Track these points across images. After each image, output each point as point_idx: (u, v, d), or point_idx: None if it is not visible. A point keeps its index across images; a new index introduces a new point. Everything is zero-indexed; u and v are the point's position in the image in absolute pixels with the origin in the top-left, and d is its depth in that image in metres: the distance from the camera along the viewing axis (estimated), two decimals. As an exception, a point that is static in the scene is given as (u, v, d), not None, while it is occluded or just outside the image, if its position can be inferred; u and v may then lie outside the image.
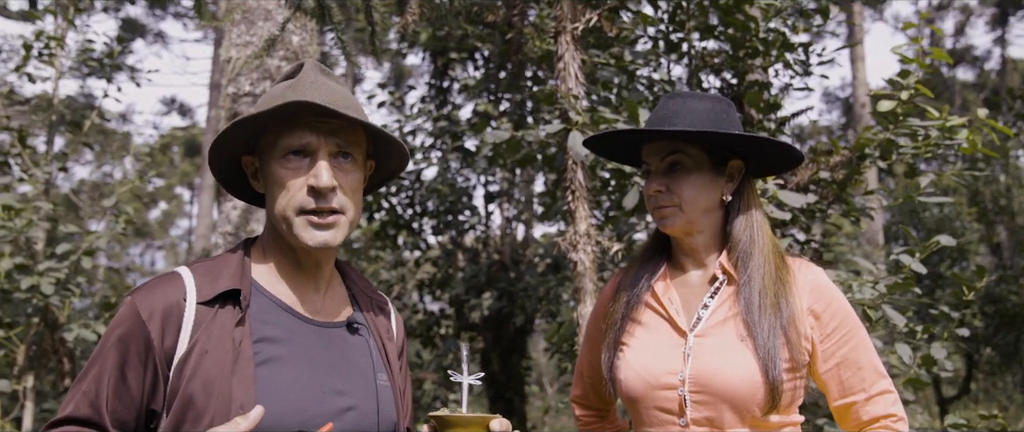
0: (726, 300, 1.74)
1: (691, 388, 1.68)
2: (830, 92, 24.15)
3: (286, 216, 1.50)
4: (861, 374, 1.71)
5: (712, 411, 1.67)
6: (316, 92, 1.50)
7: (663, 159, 1.77)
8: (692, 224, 1.77)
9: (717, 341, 1.70)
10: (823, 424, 3.03)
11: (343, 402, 1.52)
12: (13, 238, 3.70)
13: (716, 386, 1.66)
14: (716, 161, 1.77)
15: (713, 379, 1.66)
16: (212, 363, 1.40)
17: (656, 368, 1.73)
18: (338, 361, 1.56)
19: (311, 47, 4.35)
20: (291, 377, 1.47)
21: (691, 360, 1.70)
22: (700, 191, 1.75)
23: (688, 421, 1.69)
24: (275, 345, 1.48)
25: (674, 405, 1.71)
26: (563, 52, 3.05)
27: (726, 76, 3.99)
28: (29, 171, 3.89)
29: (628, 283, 1.88)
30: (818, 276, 1.76)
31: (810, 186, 3.25)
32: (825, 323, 1.71)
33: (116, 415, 1.40)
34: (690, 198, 1.75)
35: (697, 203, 1.75)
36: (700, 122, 1.74)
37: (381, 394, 1.60)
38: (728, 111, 1.79)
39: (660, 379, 1.72)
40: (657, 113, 1.80)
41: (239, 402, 1.38)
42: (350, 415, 1.52)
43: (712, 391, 1.66)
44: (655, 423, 1.74)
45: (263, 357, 1.45)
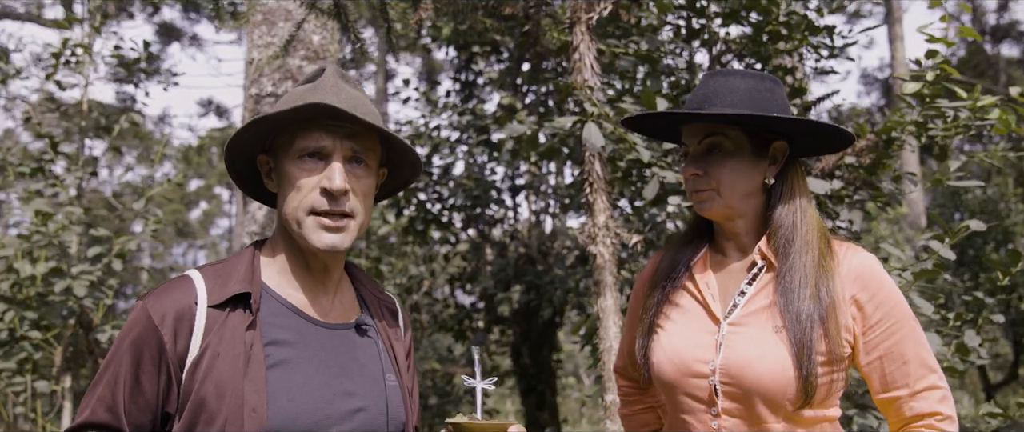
0: (764, 287, 1.66)
1: (722, 378, 1.62)
2: (869, 74, 23.61)
3: (297, 216, 1.52)
4: (906, 369, 1.61)
5: (743, 403, 1.61)
6: (335, 96, 1.51)
7: (701, 141, 1.68)
8: (731, 209, 1.68)
9: (751, 331, 1.63)
10: (853, 415, 2.96)
11: (353, 403, 1.53)
12: (47, 243, 3.79)
13: (747, 379, 1.59)
14: (758, 143, 1.67)
15: (744, 371, 1.59)
16: (224, 366, 1.41)
17: (688, 355, 1.67)
18: (348, 363, 1.57)
19: (332, 46, 4.37)
20: (302, 379, 1.48)
21: (723, 349, 1.64)
22: (739, 175, 1.66)
23: (719, 411, 1.63)
24: (286, 348, 1.49)
25: (705, 394, 1.65)
26: (578, 42, 3.02)
27: (750, 62, 3.92)
28: (61, 177, 3.97)
29: (667, 265, 1.81)
30: (865, 263, 1.65)
31: (836, 172, 3.17)
32: (869, 313, 1.61)
33: (132, 419, 1.42)
34: (729, 182, 1.66)
35: (736, 187, 1.66)
36: (741, 102, 1.63)
37: (390, 395, 1.61)
38: (772, 90, 1.67)
39: (691, 367, 1.66)
40: (697, 92, 1.70)
41: (251, 405, 1.39)
42: (360, 416, 1.53)
43: (743, 384, 1.60)
44: (686, 411, 1.69)
45: (274, 360, 1.46)
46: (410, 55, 20.27)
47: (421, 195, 5.90)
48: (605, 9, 3.04)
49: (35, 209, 3.70)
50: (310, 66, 4.21)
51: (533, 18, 3.49)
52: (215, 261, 1.60)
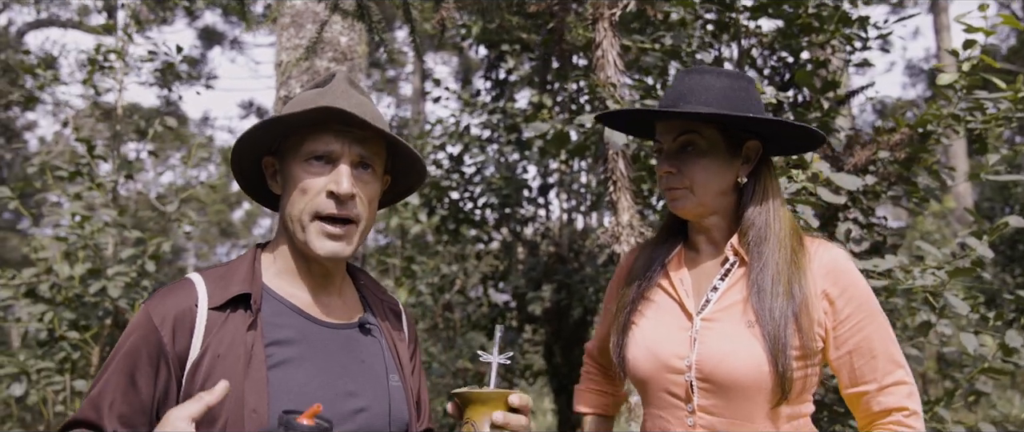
0: (736, 283, 1.68)
1: (697, 374, 1.63)
2: (914, 65, 23.03)
3: (301, 220, 1.52)
4: (874, 363, 1.61)
5: (719, 398, 1.62)
6: (346, 101, 1.52)
7: (675, 139, 1.70)
8: (704, 207, 1.70)
9: (724, 326, 1.64)
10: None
11: (355, 403, 1.53)
12: (84, 244, 3.87)
13: (721, 374, 1.60)
14: (731, 142, 1.69)
15: (718, 367, 1.60)
16: (225, 367, 1.42)
17: (664, 351, 1.68)
18: (350, 362, 1.57)
19: (360, 47, 4.38)
20: (303, 379, 1.48)
21: (697, 345, 1.64)
22: (713, 174, 1.68)
23: (695, 407, 1.64)
24: (287, 347, 1.50)
25: (681, 390, 1.66)
26: (601, 39, 2.98)
27: (781, 55, 3.84)
28: (98, 180, 4.05)
29: (642, 264, 1.83)
30: (836, 258, 1.66)
31: (869, 167, 3.08)
32: (839, 308, 1.62)
33: (123, 418, 1.42)
34: (702, 181, 1.67)
35: (709, 186, 1.68)
36: (716, 101, 1.65)
37: (393, 395, 1.60)
38: (747, 89, 1.69)
39: (667, 362, 1.67)
40: (672, 90, 1.71)
41: (252, 406, 1.40)
42: (362, 416, 1.53)
43: (717, 379, 1.61)
44: (663, 406, 1.69)
45: (275, 360, 1.47)
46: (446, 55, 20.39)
47: (453, 194, 5.91)
48: (627, 5, 3.00)
49: (71, 211, 3.78)
50: (338, 67, 4.23)
51: (558, 15, 3.46)
52: (218, 264, 1.61)
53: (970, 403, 3.22)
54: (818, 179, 2.68)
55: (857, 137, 3.33)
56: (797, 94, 3.70)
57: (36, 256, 3.97)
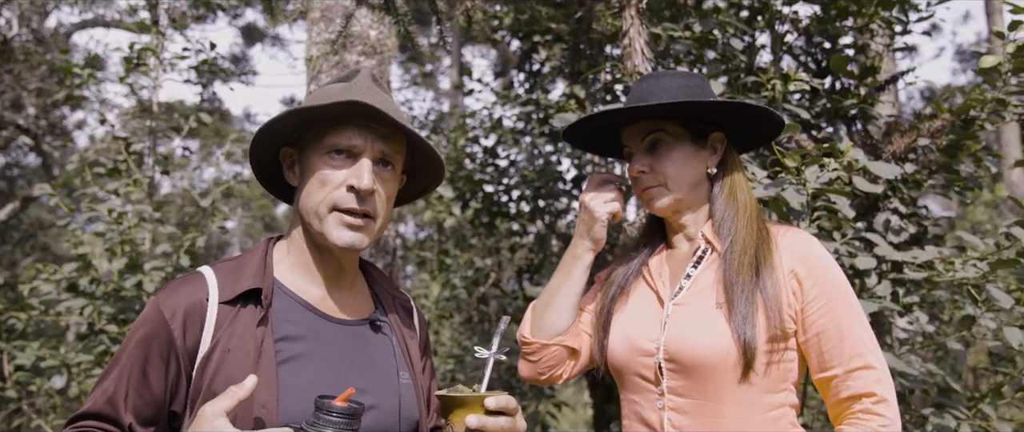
0: (708, 269, 1.71)
1: (665, 356, 1.65)
2: (964, 49, 22.34)
3: (318, 211, 1.52)
4: (842, 346, 1.60)
5: (686, 379, 1.63)
6: (371, 98, 1.51)
7: (643, 139, 1.76)
8: (680, 202, 1.75)
9: (693, 309, 1.67)
10: (929, 414, 2.78)
11: (365, 400, 1.51)
12: (121, 240, 3.94)
13: (686, 354, 1.62)
14: (697, 134, 1.75)
15: (684, 346, 1.63)
16: (235, 362, 1.42)
17: (636, 335, 1.72)
18: (360, 359, 1.56)
19: (389, 41, 4.38)
20: (312, 375, 1.47)
21: (667, 328, 1.67)
22: (684, 166, 1.73)
23: (664, 389, 1.66)
24: (297, 343, 1.49)
25: (651, 373, 1.68)
26: (628, 27, 2.92)
27: (818, 41, 3.73)
28: (135, 175, 4.12)
29: (621, 267, 1.86)
30: (802, 240, 1.69)
31: (909, 155, 2.97)
32: (807, 289, 1.63)
33: (138, 412, 1.43)
34: (674, 174, 1.72)
35: (682, 179, 1.73)
36: (677, 97, 1.70)
37: (403, 392, 1.59)
38: (702, 85, 1.76)
39: (640, 345, 1.70)
40: (631, 97, 1.77)
41: (261, 401, 1.39)
42: (372, 413, 1.52)
43: (682, 359, 1.63)
44: (636, 390, 1.72)
45: (285, 355, 1.46)
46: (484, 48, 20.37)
47: (488, 187, 5.89)
48: (655, -9, 2.93)
49: (108, 208, 3.84)
50: (368, 61, 4.23)
51: (586, 4, 3.40)
52: (230, 258, 1.61)
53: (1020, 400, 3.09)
54: (853, 167, 2.59)
55: (896, 124, 3.22)
56: (835, 81, 3.59)
57: (76, 251, 4.05)
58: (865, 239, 2.76)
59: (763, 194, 2.39)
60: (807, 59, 3.78)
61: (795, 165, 2.39)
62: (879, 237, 2.73)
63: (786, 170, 2.45)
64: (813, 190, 2.39)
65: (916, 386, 2.69)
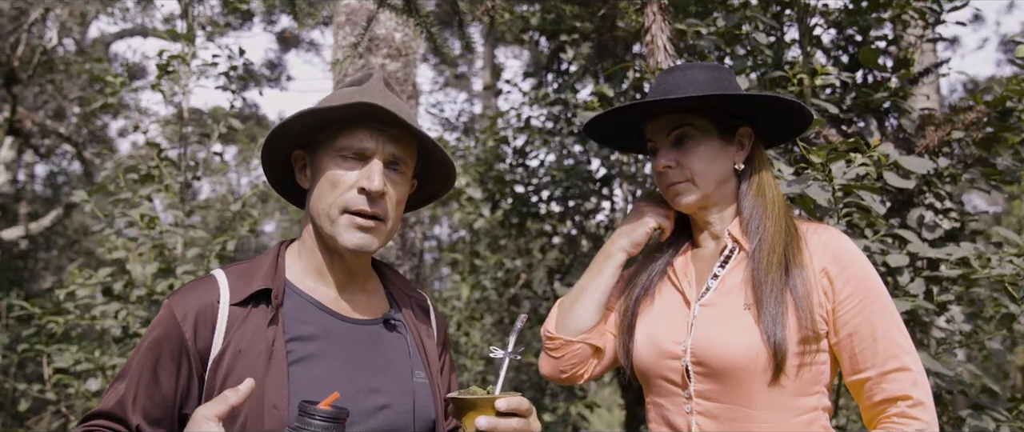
0: (735, 268, 1.65)
1: (692, 358, 1.60)
2: (1009, 40, 21.72)
3: (330, 213, 1.52)
4: (875, 347, 1.54)
5: (714, 384, 1.58)
6: (383, 101, 1.52)
7: (669, 133, 1.70)
8: (707, 198, 1.70)
9: (721, 310, 1.61)
10: (966, 416, 2.69)
11: (378, 400, 1.51)
12: (153, 245, 4.01)
13: (714, 357, 1.57)
14: (724, 129, 1.70)
15: (710, 349, 1.57)
16: (246, 363, 1.42)
17: (662, 337, 1.67)
18: (374, 359, 1.56)
19: (414, 43, 4.39)
20: (324, 375, 1.47)
21: (694, 330, 1.62)
22: (711, 161, 1.68)
23: (691, 393, 1.61)
24: (309, 343, 1.49)
25: (678, 376, 1.63)
26: (650, 24, 2.88)
27: (850, 34, 3.64)
28: (165, 182, 4.19)
29: (646, 267, 1.81)
30: (833, 237, 1.63)
31: (943, 149, 2.88)
32: (838, 288, 1.57)
33: (147, 413, 1.44)
34: (702, 170, 1.67)
35: (709, 174, 1.68)
36: (703, 90, 1.65)
37: (418, 391, 1.58)
38: (729, 78, 1.70)
39: (666, 348, 1.65)
40: (655, 89, 1.72)
41: (272, 402, 1.40)
42: (385, 413, 1.51)
43: (709, 361, 1.57)
44: (663, 394, 1.67)
45: (296, 356, 1.46)
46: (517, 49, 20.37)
47: (518, 188, 5.87)
48: (678, -14, 2.89)
49: (140, 213, 3.91)
50: (393, 64, 4.24)
51: (610, 1, 3.37)
52: (242, 261, 1.62)
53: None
54: (882, 163, 2.52)
55: (930, 117, 3.13)
56: (867, 74, 3.51)
57: (110, 256, 4.13)
58: (898, 236, 2.69)
59: (788, 191, 2.34)
60: (839, 53, 3.70)
61: (821, 161, 2.33)
62: (912, 234, 2.65)
63: (812, 166, 2.39)
64: (840, 186, 2.32)
65: (952, 387, 2.61)
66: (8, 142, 9.04)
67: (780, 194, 1.71)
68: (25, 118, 8.08)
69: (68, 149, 10.02)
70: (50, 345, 4.58)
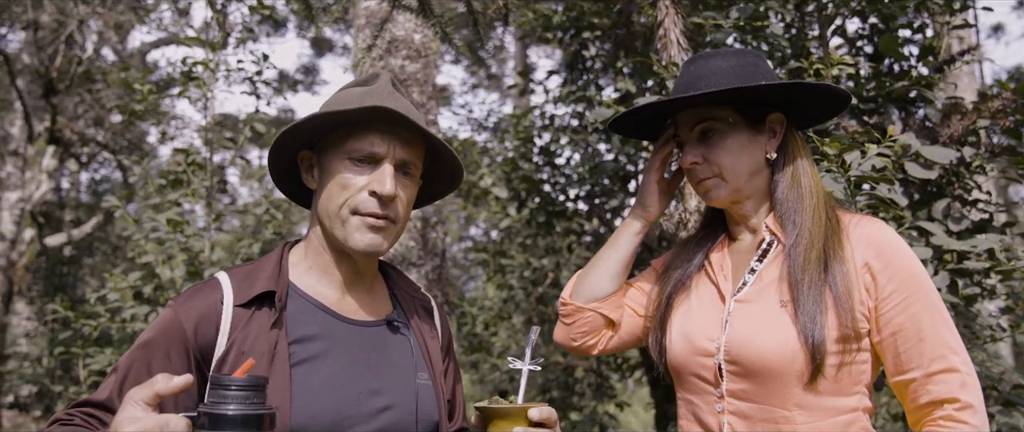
0: (773, 263, 1.58)
1: (726, 357, 1.54)
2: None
3: (340, 214, 1.53)
4: (921, 347, 1.45)
5: (748, 383, 1.51)
6: (393, 103, 1.52)
7: (693, 128, 1.63)
8: (739, 192, 1.62)
9: (757, 307, 1.54)
10: (995, 413, 2.61)
11: (380, 402, 1.51)
12: (181, 248, 4.08)
13: (748, 356, 1.50)
14: (752, 118, 1.62)
15: (745, 348, 1.51)
16: None
17: (696, 333, 1.61)
18: (376, 360, 1.56)
19: (433, 44, 4.40)
20: (326, 376, 1.48)
21: (728, 327, 1.56)
22: (740, 155, 1.60)
23: (723, 392, 1.55)
24: (311, 345, 1.50)
25: (710, 374, 1.57)
26: (663, 17, 2.85)
27: (874, 23, 3.56)
28: (192, 187, 4.26)
29: (681, 259, 1.75)
30: (878, 230, 1.54)
31: (969, 138, 2.80)
32: (882, 284, 1.48)
33: None
34: (730, 164, 1.60)
35: (739, 168, 1.60)
36: (726, 81, 1.57)
37: (421, 393, 1.58)
38: (756, 63, 1.62)
39: (698, 345, 1.60)
40: (680, 81, 1.66)
41: (274, 404, 1.40)
42: (387, 415, 1.51)
43: (744, 361, 1.51)
44: (694, 391, 1.62)
45: (298, 357, 1.47)
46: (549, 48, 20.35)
47: (546, 187, 5.86)
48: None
49: (167, 218, 3.98)
50: (412, 65, 4.26)
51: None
52: (246, 263, 1.63)
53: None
54: (902, 153, 2.45)
55: (957, 106, 3.04)
56: (893, 64, 3.43)
57: (141, 260, 4.21)
58: (921, 228, 2.61)
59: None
60: (863, 42, 3.62)
61: (835, 152, 2.28)
62: (936, 226, 2.58)
63: (826, 158, 2.34)
64: (856, 177, 2.27)
65: (980, 382, 2.53)
66: (50, 151, 9.29)
67: (819, 183, 1.63)
68: (65, 127, 8.29)
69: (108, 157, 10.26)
70: (86, 348, 4.69)
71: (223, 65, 4.61)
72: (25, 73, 8.29)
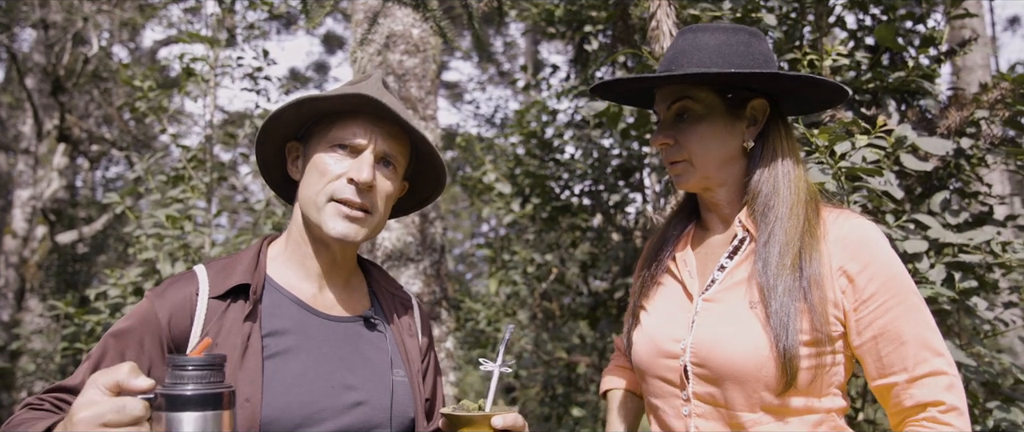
0: (745, 260, 1.51)
1: (692, 359, 1.48)
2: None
3: (317, 201, 1.53)
4: (904, 350, 1.40)
5: (715, 387, 1.45)
6: (379, 96, 1.52)
7: (669, 107, 1.55)
8: (708, 179, 1.55)
9: (725, 307, 1.48)
10: (993, 408, 2.57)
11: (353, 397, 1.51)
12: (180, 244, 4.09)
13: (717, 360, 1.44)
14: (732, 103, 1.52)
15: (714, 351, 1.44)
16: None
17: (660, 334, 1.54)
18: (350, 356, 1.56)
19: (433, 39, 4.38)
20: (299, 370, 1.48)
21: (695, 328, 1.49)
22: (712, 141, 1.52)
23: (690, 395, 1.49)
24: (284, 338, 1.50)
25: (676, 376, 1.51)
26: (655, 9, 2.82)
27: (874, 13, 3.51)
28: (192, 182, 4.27)
29: (654, 247, 1.69)
30: (856, 228, 1.46)
31: (967, 129, 2.75)
32: (861, 287, 1.42)
33: None
34: (700, 151, 1.52)
35: (709, 155, 1.52)
36: (710, 60, 1.49)
37: (397, 390, 1.58)
38: (748, 42, 1.52)
39: (663, 346, 1.53)
40: (668, 54, 1.57)
41: (244, 395, 1.41)
42: (360, 409, 1.51)
43: (712, 364, 1.44)
44: (658, 395, 1.56)
45: (271, 351, 1.47)
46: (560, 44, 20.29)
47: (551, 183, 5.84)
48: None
49: (166, 215, 3.99)
50: (410, 60, 4.24)
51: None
52: (226, 256, 1.63)
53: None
54: (898, 145, 2.41)
55: (958, 97, 2.99)
56: (894, 55, 3.37)
57: (141, 257, 4.23)
58: (917, 221, 2.57)
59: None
60: (864, 33, 3.57)
61: (825, 143, 2.24)
62: (932, 219, 2.54)
63: (818, 150, 2.30)
64: (844, 170, 2.23)
65: (977, 378, 2.49)
66: (61, 149, 9.36)
67: (801, 178, 1.53)
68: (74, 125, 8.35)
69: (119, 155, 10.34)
70: (90, 344, 4.71)
71: (223, 62, 4.62)
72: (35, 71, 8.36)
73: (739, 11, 3.07)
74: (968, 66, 8.06)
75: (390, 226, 3.99)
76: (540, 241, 6.03)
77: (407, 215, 1.84)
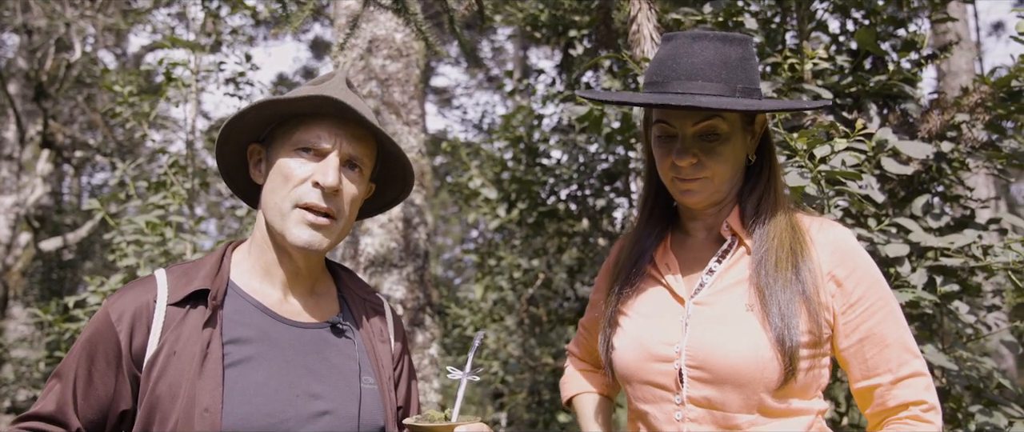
0: (735, 264, 1.52)
1: (689, 362, 1.47)
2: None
3: (281, 207, 1.49)
4: (888, 353, 1.45)
5: (712, 390, 1.45)
6: (344, 98, 1.49)
7: (696, 124, 1.50)
8: (719, 194, 1.55)
9: (720, 310, 1.48)
10: (976, 412, 2.56)
11: (318, 406, 1.47)
12: (162, 251, 4.04)
13: (717, 362, 1.44)
14: (747, 120, 1.54)
15: (713, 354, 1.44)
16: (180, 364, 1.39)
17: (651, 338, 1.53)
18: (316, 363, 1.52)
19: (416, 44, 4.36)
20: (261, 379, 1.44)
21: (689, 330, 1.49)
22: (732, 159, 1.52)
23: (684, 398, 1.48)
24: (247, 346, 1.46)
25: (669, 380, 1.50)
26: (636, 12, 2.81)
27: (855, 17, 3.51)
28: (172, 189, 4.23)
29: (627, 254, 1.67)
30: (841, 235, 1.51)
31: (947, 133, 2.75)
32: (848, 291, 1.46)
33: (83, 415, 1.42)
34: (723, 170, 1.51)
35: (727, 174, 1.53)
36: (732, 77, 1.47)
37: (365, 398, 1.54)
38: (742, 54, 1.51)
39: (655, 350, 1.51)
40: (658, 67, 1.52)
41: (204, 405, 1.37)
42: (326, 419, 1.47)
43: (712, 367, 1.44)
44: (649, 400, 1.53)
45: (233, 358, 1.43)
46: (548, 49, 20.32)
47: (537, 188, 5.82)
48: (662, -26, 2.81)
49: (146, 221, 3.95)
50: (393, 65, 4.22)
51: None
52: (188, 261, 1.60)
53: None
54: (878, 149, 2.40)
55: (939, 101, 2.99)
56: (875, 60, 3.38)
57: (122, 263, 4.18)
58: (899, 225, 2.57)
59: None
60: (847, 38, 3.57)
61: (804, 147, 2.23)
62: (913, 223, 2.53)
63: (797, 154, 2.29)
64: (824, 174, 2.22)
65: (959, 382, 2.48)
66: (45, 155, 9.28)
67: (783, 182, 1.61)
68: (57, 131, 8.28)
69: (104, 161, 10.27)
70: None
71: (206, 67, 4.58)
72: (17, 77, 8.29)
73: (721, 15, 3.06)
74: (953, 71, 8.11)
75: (373, 232, 3.96)
76: (527, 246, 6.00)
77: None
